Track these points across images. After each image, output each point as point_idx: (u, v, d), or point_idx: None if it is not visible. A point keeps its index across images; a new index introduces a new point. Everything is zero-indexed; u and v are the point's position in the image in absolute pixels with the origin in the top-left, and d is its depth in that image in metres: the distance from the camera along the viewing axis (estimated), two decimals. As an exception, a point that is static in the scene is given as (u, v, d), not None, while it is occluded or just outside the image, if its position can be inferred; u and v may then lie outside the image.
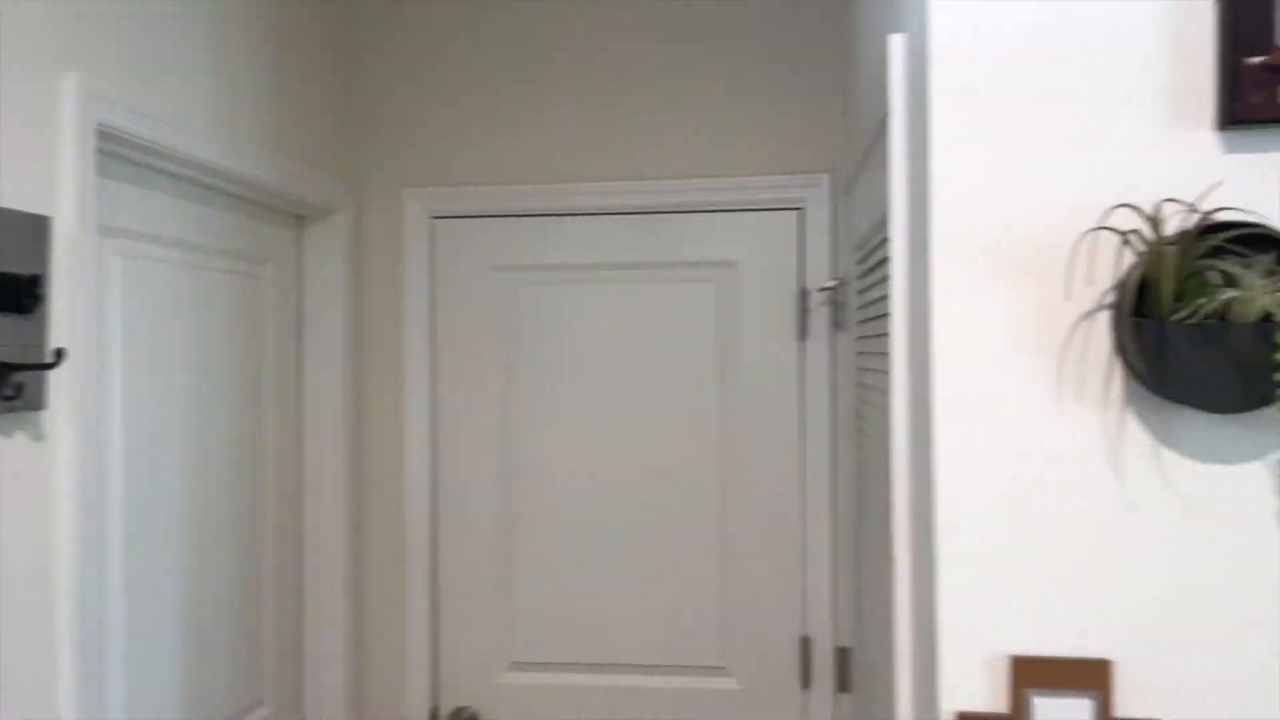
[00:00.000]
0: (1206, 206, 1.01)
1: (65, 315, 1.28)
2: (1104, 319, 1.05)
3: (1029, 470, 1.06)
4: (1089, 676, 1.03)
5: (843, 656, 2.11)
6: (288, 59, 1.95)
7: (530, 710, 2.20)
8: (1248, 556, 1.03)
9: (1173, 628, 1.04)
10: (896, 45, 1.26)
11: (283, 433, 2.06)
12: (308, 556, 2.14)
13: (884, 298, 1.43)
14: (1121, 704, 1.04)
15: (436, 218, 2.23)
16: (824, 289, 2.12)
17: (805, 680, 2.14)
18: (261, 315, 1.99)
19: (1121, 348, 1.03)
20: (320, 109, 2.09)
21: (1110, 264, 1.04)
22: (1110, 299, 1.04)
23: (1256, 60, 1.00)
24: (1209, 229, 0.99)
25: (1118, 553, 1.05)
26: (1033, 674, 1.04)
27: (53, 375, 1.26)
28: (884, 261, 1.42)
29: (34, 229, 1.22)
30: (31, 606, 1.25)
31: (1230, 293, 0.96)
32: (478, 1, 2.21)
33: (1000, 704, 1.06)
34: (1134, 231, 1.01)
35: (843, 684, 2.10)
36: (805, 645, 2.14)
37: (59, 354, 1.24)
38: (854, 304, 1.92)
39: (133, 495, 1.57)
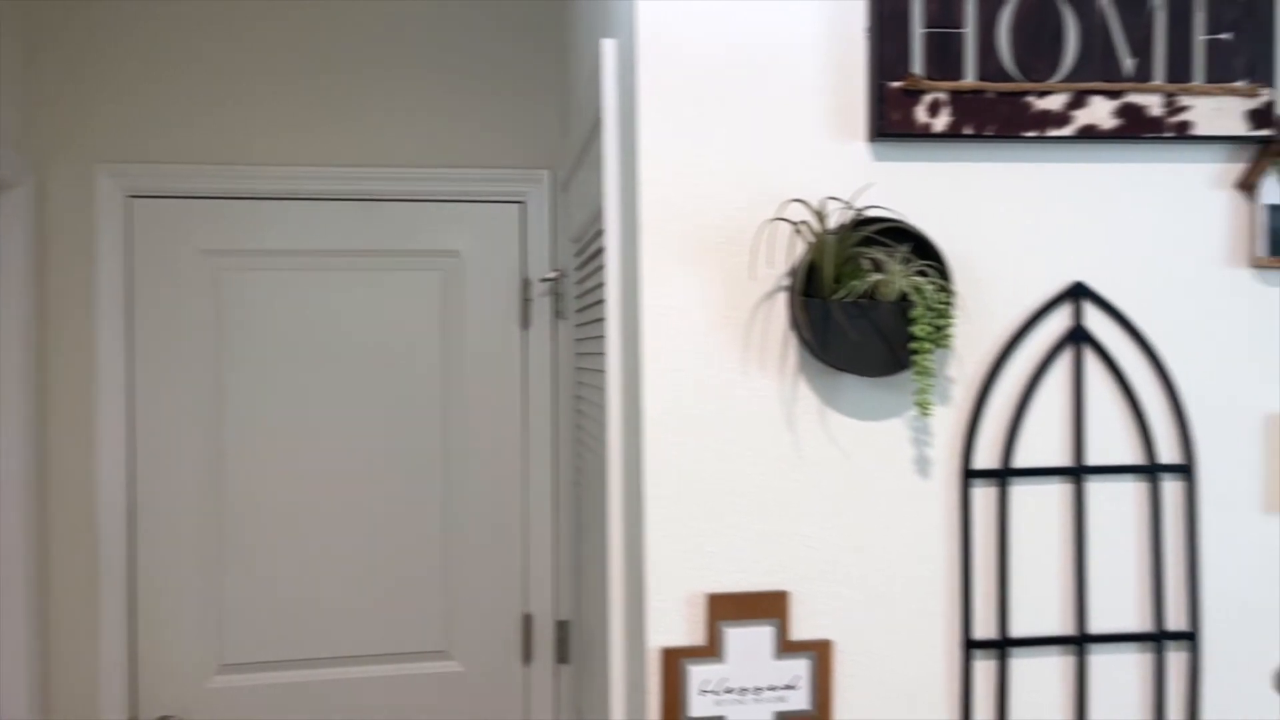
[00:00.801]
0: (860, 204, 1.21)
1: None
2: (782, 298, 1.21)
3: (721, 431, 1.21)
4: (770, 607, 1.19)
5: (562, 630, 2.21)
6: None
7: (243, 713, 2.11)
8: (891, 498, 1.24)
9: (835, 561, 1.22)
10: (609, 50, 1.37)
11: (-54, 428, 1.85)
12: (-23, 565, 1.93)
13: (600, 287, 1.54)
14: (796, 628, 1.21)
15: (134, 196, 2.09)
16: (545, 280, 2.22)
17: (526, 656, 2.23)
18: (-80, 295, 1.77)
19: (795, 322, 1.20)
20: (-6, 69, 1.90)
21: (785, 250, 1.21)
22: (786, 281, 1.21)
23: (897, 84, 1.21)
24: (862, 222, 1.18)
25: (792, 499, 1.22)
26: (725, 608, 1.18)
27: None
28: (599, 253, 1.54)
29: None
30: None
31: (876, 276, 1.16)
32: (183, -30, 2.10)
33: (699, 637, 1.19)
34: (804, 223, 1.19)
35: (562, 655, 2.21)
36: (527, 622, 2.22)
37: None
38: (573, 294, 2.04)
39: None
